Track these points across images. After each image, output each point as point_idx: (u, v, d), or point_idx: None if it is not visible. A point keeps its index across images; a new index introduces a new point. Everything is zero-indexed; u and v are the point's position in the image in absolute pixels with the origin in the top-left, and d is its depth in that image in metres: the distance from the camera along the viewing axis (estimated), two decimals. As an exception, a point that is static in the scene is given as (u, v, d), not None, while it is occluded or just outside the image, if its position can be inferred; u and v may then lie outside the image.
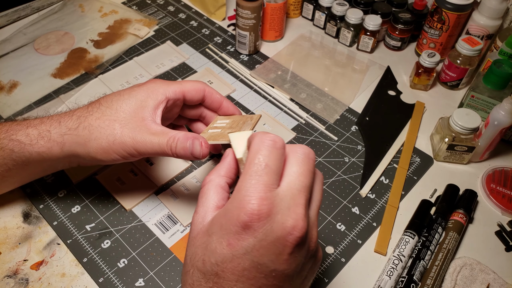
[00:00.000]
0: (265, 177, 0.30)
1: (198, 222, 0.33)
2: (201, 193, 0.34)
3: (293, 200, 0.30)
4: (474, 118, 0.54)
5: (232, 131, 0.42)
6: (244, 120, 0.45)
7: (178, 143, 0.41)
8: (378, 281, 0.45)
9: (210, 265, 0.30)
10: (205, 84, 0.48)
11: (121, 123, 0.41)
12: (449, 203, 0.51)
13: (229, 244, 0.29)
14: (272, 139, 0.31)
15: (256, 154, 0.31)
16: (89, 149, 0.41)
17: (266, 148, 0.31)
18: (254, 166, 0.30)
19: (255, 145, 0.31)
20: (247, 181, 0.29)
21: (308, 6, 0.78)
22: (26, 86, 0.64)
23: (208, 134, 0.44)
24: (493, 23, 0.64)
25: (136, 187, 0.52)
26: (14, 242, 0.47)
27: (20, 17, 0.77)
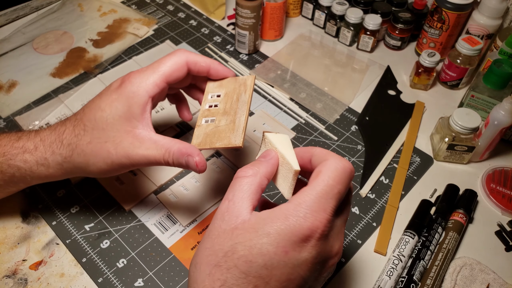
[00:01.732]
0: (333, 202, 0.31)
1: (234, 214, 0.31)
2: (240, 183, 0.33)
3: (340, 228, 0.33)
4: (474, 118, 0.54)
5: (228, 118, 0.40)
6: (237, 95, 0.42)
7: (174, 158, 0.40)
8: (378, 281, 0.44)
9: (257, 267, 0.29)
10: (185, 54, 0.43)
11: (113, 143, 0.40)
12: (449, 203, 0.51)
13: (285, 251, 0.29)
14: (350, 166, 0.33)
15: (333, 174, 0.32)
16: (89, 171, 0.42)
17: (344, 174, 0.32)
18: (328, 187, 0.31)
19: (334, 164, 0.32)
20: (317, 197, 0.31)
21: (308, 5, 0.78)
22: (25, 86, 0.64)
23: (203, 138, 0.41)
24: (493, 23, 0.64)
25: (135, 187, 0.52)
26: (13, 242, 0.47)
27: (19, 16, 0.76)
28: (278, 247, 0.29)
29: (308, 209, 0.30)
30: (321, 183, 0.31)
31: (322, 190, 0.31)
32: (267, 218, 0.30)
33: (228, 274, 0.29)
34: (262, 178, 0.34)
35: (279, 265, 0.29)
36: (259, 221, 0.31)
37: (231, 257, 0.30)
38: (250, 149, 0.57)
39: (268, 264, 0.29)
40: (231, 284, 0.29)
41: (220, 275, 0.30)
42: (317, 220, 0.30)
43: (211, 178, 0.53)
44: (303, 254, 0.30)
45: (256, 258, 0.29)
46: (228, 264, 0.30)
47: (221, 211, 0.32)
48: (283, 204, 0.31)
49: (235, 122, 0.40)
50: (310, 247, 0.30)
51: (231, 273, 0.29)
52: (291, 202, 0.31)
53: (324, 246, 0.31)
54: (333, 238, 0.32)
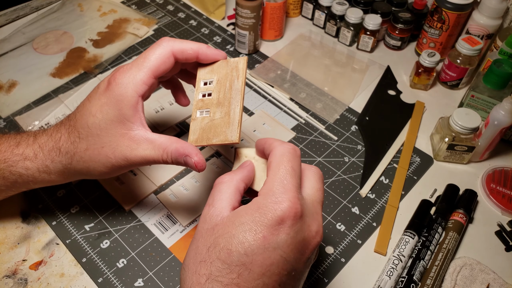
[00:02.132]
0: (294, 179, 0.33)
1: (215, 214, 0.33)
2: (218, 189, 0.35)
3: (315, 208, 0.34)
4: (474, 117, 0.54)
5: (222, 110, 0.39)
6: (230, 81, 0.41)
7: (172, 158, 0.40)
8: (378, 281, 0.44)
9: (238, 255, 0.30)
10: (170, 43, 0.40)
11: (110, 148, 0.39)
12: (449, 203, 0.51)
13: (264, 236, 0.30)
14: (293, 147, 0.35)
15: (282, 157, 0.34)
16: (91, 176, 0.42)
17: (290, 154, 0.35)
18: (282, 169, 0.33)
19: (279, 150, 0.35)
20: (279, 182, 0.33)
21: (308, 5, 0.78)
22: (25, 86, 0.64)
23: (199, 133, 0.40)
24: (493, 23, 0.64)
25: (135, 187, 0.52)
26: (13, 242, 0.47)
27: (19, 16, 0.76)
28: (256, 233, 0.30)
29: (275, 194, 0.32)
30: (276, 169, 0.33)
31: (279, 174, 0.33)
32: (241, 211, 0.32)
33: (212, 267, 0.30)
34: (238, 181, 0.36)
35: (259, 250, 0.30)
36: (235, 214, 0.32)
37: (213, 250, 0.31)
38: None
39: (248, 251, 0.30)
40: (215, 276, 0.30)
41: (205, 270, 0.31)
42: (287, 200, 0.31)
43: (211, 178, 0.53)
44: (281, 236, 0.31)
45: (236, 247, 0.30)
46: (211, 258, 0.31)
47: (203, 216, 0.34)
48: (254, 198, 0.33)
49: (229, 115, 0.39)
50: (287, 227, 0.31)
51: (214, 265, 0.30)
52: (260, 194, 0.33)
53: (301, 225, 0.32)
54: (309, 218, 0.33)
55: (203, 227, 0.33)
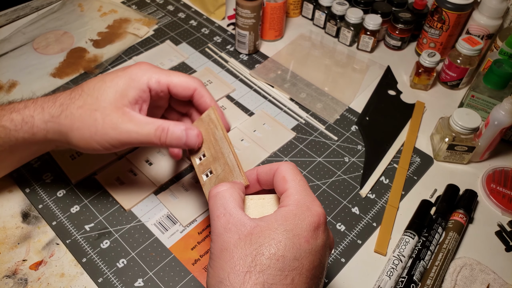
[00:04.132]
0: (309, 189, 0.36)
1: (239, 223, 0.32)
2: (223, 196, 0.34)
3: None
4: (474, 118, 0.54)
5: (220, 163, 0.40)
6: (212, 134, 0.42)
7: (169, 134, 0.40)
8: (378, 281, 0.44)
9: (290, 261, 0.30)
10: (199, 83, 0.44)
11: (102, 113, 0.40)
12: (449, 203, 0.51)
13: (307, 241, 0.31)
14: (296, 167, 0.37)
15: (293, 172, 0.36)
16: (71, 139, 0.41)
17: (295, 168, 0.37)
18: (300, 182, 0.35)
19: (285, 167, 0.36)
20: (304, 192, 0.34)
21: (308, 5, 0.78)
22: (25, 86, 0.64)
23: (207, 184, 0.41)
24: (493, 23, 0.64)
25: (136, 187, 0.52)
26: (13, 242, 0.47)
27: (19, 16, 0.76)
28: (301, 238, 0.31)
29: (308, 202, 0.33)
30: (294, 182, 0.35)
31: (300, 186, 0.35)
32: (277, 220, 0.32)
33: (265, 276, 0.30)
34: (238, 189, 0.36)
35: (306, 254, 0.31)
36: (271, 223, 0.32)
37: (260, 258, 0.30)
38: (250, 149, 0.57)
39: (297, 255, 0.31)
40: (270, 284, 0.30)
41: (255, 279, 0.30)
42: (318, 207, 0.33)
43: (211, 178, 0.53)
44: (319, 240, 0.32)
45: (286, 253, 0.30)
46: (260, 267, 0.30)
47: (222, 226, 0.33)
48: (280, 209, 0.33)
49: (228, 164, 0.39)
50: (321, 232, 0.33)
51: (266, 273, 0.30)
52: (289, 204, 0.33)
53: (328, 231, 0.34)
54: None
55: (231, 237, 0.32)
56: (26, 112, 0.42)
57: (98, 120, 0.40)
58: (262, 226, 0.32)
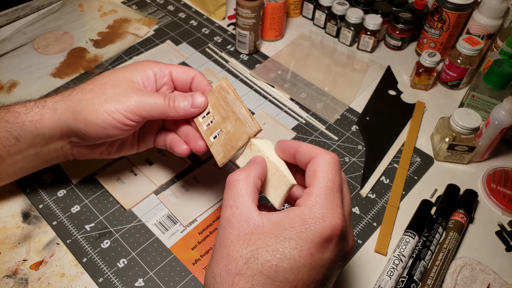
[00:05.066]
0: (339, 196, 0.32)
1: (243, 219, 0.31)
2: (236, 187, 0.33)
3: (349, 221, 0.34)
4: (474, 118, 0.54)
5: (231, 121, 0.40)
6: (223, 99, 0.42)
7: (176, 99, 0.41)
8: (379, 281, 0.44)
9: (283, 272, 0.29)
10: (197, 71, 0.46)
11: (112, 86, 0.42)
12: (450, 203, 0.51)
13: (310, 254, 0.29)
14: (338, 158, 0.34)
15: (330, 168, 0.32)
16: (80, 112, 0.41)
17: (337, 167, 0.33)
18: (330, 183, 0.32)
19: (325, 159, 0.33)
20: (326, 195, 0.31)
21: (308, 5, 0.78)
22: (25, 86, 0.64)
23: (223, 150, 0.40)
24: (494, 23, 0.64)
25: (136, 187, 0.52)
26: (13, 242, 0.47)
27: (20, 16, 0.76)
28: (302, 250, 0.29)
29: (324, 209, 0.30)
30: (323, 180, 0.32)
31: (326, 187, 0.31)
32: (284, 223, 0.30)
33: (254, 281, 0.29)
34: (255, 178, 0.34)
35: (305, 268, 0.29)
36: (276, 226, 0.30)
37: (253, 263, 0.29)
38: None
39: (294, 268, 0.29)
40: None
41: (244, 283, 0.29)
42: (335, 218, 0.30)
43: (211, 178, 0.53)
44: (327, 254, 0.30)
45: (281, 263, 0.29)
46: (251, 271, 0.29)
47: (227, 219, 0.32)
48: (294, 208, 0.31)
49: (239, 118, 0.40)
50: (333, 245, 0.30)
51: (256, 279, 0.29)
52: (304, 205, 0.31)
53: (344, 242, 0.31)
54: (348, 233, 0.32)
55: (232, 233, 0.31)
56: (41, 100, 0.43)
57: (108, 90, 0.41)
58: (265, 227, 0.30)
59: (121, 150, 0.47)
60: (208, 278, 0.32)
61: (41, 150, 0.44)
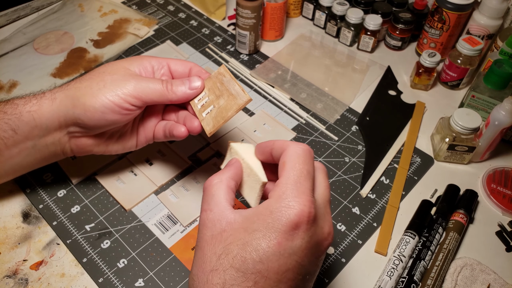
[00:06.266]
0: (308, 183, 0.32)
1: (216, 219, 0.32)
2: (210, 192, 0.34)
3: (325, 208, 0.34)
4: (474, 118, 0.54)
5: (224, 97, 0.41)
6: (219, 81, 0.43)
7: (173, 82, 0.43)
8: (379, 281, 0.44)
9: (253, 263, 0.29)
10: (194, 64, 0.47)
11: (110, 74, 0.42)
12: (450, 203, 0.51)
13: (278, 242, 0.29)
14: (308, 148, 0.34)
15: (297, 159, 0.33)
16: (78, 98, 0.41)
17: (305, 155, 0.33)
18: (297, 171, 0.32)
19: (294, 150, 0.33)
20: (293, 184, 0.31)
21: (309, 5, 0.78)
22: (25, 86, 0.64)
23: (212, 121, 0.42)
24: (494, 23, 0.64)
25: (136, 187, 0.52)
26: (13, 242, 0.47)
27: (20, 16, 0.76)
28: (270, 239, 0.29)
29: (290, 197, 0.31)
30: (290, 170, 0.32)
31: (294, 176, 0.32)
32: (253, 216, 0.31)
33: (226, 276, 0.30)
34: (228, 180, 0.35)
35: (274, 257, 0.29)
36: (245, 220, 0.31)
37: (225, 258, 0.30)
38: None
39: (263, 258, 0.29)
40: (230, 285, 0.29)
41: (217, 278, 0.30)
42: (301, 205, 0.30)
43: (212, 178, 0.53)
44: (296, 241, 0.30)
45: (250, 255, 0.29)
46: (223, 266, 0.30)
47: (202, 222, 0.33)
48: (264, 201, 0.32)
49: (232, 94, 0.41)
50: (302, 232, 0.30)
51: (228, 274, 0.30)
52: (272, 197, 0.32)
53: (315, 229, 0.31)
54: (321, 219, 0.32)
55: (206, 234, 0.32)
56: (40, 93, 0.43)
57: (106, 77, 0.42)
58: (236, 223, 0.31)
59: (120, 142, 0.47)
60: (189, 280, 0.33)
61: (39, 143, 0.44)
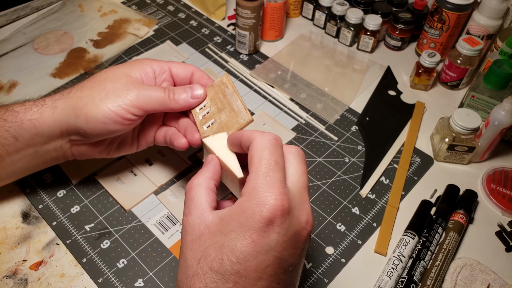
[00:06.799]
0: (278, 174, 0.31)
1: (196, 223, 0.32)
2: (190, 196, 0.34)
3: (301, 196, 0.32)
4: (474, 118, 0.54)
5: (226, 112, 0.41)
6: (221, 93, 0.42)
7: (176, 90, 0.42)
8: (378, 282, 0.44)
9: (231, 264, 0.29)
10: (195, 67, 0.46)
11: (112, 81, 0.42)
12: (449, 203, 0.51)
13: (253, 241, 0.29)
14: (274, 137, 0.33)
15: (263, 151, 0.32)
16: (80, 108, 0.41)
17: (272, 146, 0.32)
18: (264, 164, 0.31)
19: (259, 143, 0.32)
20: (262, 178, 0.30)
21: (308, 5, 0.78)
22: (25, 86, 0.64)
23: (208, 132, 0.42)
24: (494, 23, 0.64)
25: (136, 187, 0.52)
26: (13, 242, 0.47)
27: (20, 16, 0.76)
28: (244, 239, 0.29)
29: (260, 193, 0.30)
30: (258, 164, 0.31)
31: (262, 169, 0.31)
32: (227, 217, 0.31)
33: (206, 279, 0.29)
34: (207, 181, 0.35)
35: (251, 256, 0.29)
36: (221, 222, 0.31)
37: (204, 262, 0.30)
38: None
39: (240, 258, 0.29)
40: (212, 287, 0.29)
41: (199, 283, 0.30)
42: (272, 199, 0.29)
43: (211, 178, 0.53)
44: (272, 236, 0.29)
45: (227, 256, 0.29)
46: (203, 270, 0.30)
47: (183, 227, 0.33)
48: (238, 199, 0.32)
49: (234, 110, 0.41)
50: (277, 226, 0.29)
51: (208, 277, 0.29)
52: (243, 194, 0.31)
53: (291, 220, 0.30)
54: (297, 209, 0.31)
55: (186, 239, 0.32)
56: (39, 99, 0.43)
57: (108, 86, 0.41)
58: (213, 225, 0.31)
59: (121, 148, 0.47)
60: (176, 286, 0.33)
61: (40, 149, 0.44)
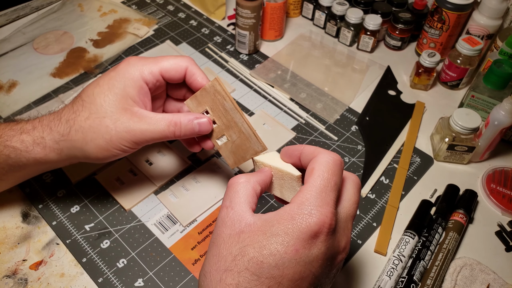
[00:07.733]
0: (333, 194, 0.32)
1: (236, 219, 0.32)
2: (235, 189, 0.34)
3: (346, 223, 0.33)
4: (474, 118, 0.54)
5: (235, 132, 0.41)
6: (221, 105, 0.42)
7: (182, 127, 0.41)
8: (378, 281, 0.44)
9: (269, 268, 0.29)
10: (189, 61, 0.44)
11: (112, 119, 0.40)
12: (449, 203, 0.51)
13: (296, 250, 0.29)
14: (339, 158, 0.34)
15: (326, 167, 0.32)
16: (87, 151, 0.40)
17: (335, 166, 0.33)
18: (324, 181, 0.32)
19: (324, 159, 0.33)
20: (317, 193, 0.31)
21: (308, 5, 0.78)
22: (25, 86, 0.64)
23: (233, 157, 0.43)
24: (493, 23, 0.64)
25: (136, 187, 0.52)
26: (13, 242, 0.47)
27: (19, 16, 0.76)
28: (288, 246, 0.29)
29: (312, 206, 0.30)
30: (318, 178, 0.32)
31: (320, 185, 0.31)
32: (273, 220, 0.31)
33: (240, 278, 0.29)
34: (254, 183, 0.35)
35: (291, 264, 0.29)
36: (265, 223, 0.31)
37: (241, 260, 0.30)
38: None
39: (279, 263, 0.29)
40: (244, 287, 0.29)
41: (231, 279, 0.30)
42: (323, 215, 0.30)
43: (211, 178, 0.53)
44: (313, 250, 0.30)
45: (267, 259, 0.29)
46: (238, 268, 0.30)
47: (222, 218, 0.33)
48: (286, 205, 0.32)
49: (243, 132, 0.41)
50: (320, 242, 0.30)
51: (242, 276, 0.29)
52: (294, 202, 0.31)
53: (332, 241, 0.31)
54: (340, 233, 0.32)
55: (224, 232, 0.32)
56: (36, 134, 0.41)
57: (110, 127, 0.40)
58: (256, 226, 0.31)
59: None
60: (200, 277, 0.32)
61: (46, 169, 0.46)
